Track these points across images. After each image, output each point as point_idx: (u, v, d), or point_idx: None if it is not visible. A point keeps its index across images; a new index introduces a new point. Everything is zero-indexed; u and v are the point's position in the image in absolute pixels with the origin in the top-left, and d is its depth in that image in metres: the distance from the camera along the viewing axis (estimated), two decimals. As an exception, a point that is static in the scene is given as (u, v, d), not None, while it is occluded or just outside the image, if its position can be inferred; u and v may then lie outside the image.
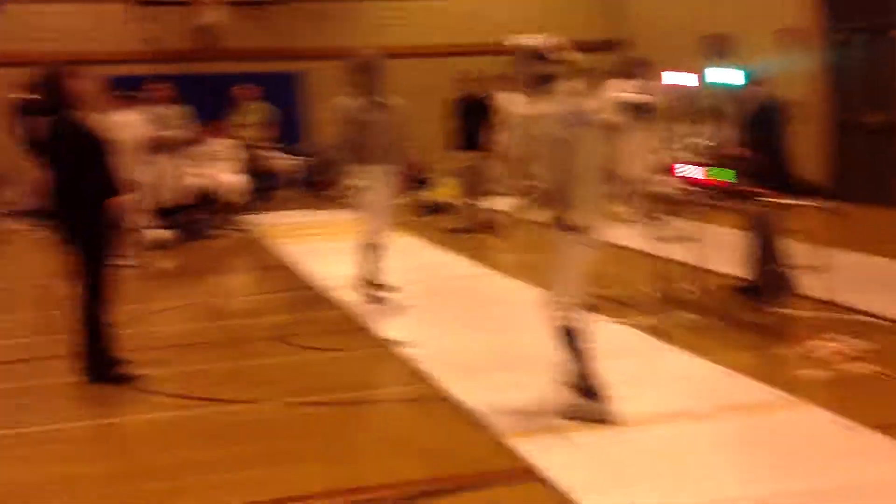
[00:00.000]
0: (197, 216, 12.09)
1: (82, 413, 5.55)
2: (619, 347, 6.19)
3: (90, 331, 5.84)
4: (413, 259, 9.65)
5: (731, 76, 7.27)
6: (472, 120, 11.48)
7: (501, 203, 13.26)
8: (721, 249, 7.57)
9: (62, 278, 6.06)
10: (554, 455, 4.40)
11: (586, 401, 4.78)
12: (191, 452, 4.78)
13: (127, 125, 9.53)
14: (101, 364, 5.86)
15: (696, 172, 7.05)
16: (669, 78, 8.67)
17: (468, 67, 12.23)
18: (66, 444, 4.99)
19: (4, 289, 9.44)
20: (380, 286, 7.83)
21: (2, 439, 5.06)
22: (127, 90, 11.66)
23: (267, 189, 14.46)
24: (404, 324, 7.07)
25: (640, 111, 10.40)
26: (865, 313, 6.76)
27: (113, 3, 15.72)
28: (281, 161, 15.20)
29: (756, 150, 7.18)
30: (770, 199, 6.54)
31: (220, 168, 12.48)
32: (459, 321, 7.17)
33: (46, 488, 4.41)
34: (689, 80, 8.21)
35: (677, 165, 7.29)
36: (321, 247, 10.75)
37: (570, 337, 4.81)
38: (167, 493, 4.30)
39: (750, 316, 7.03)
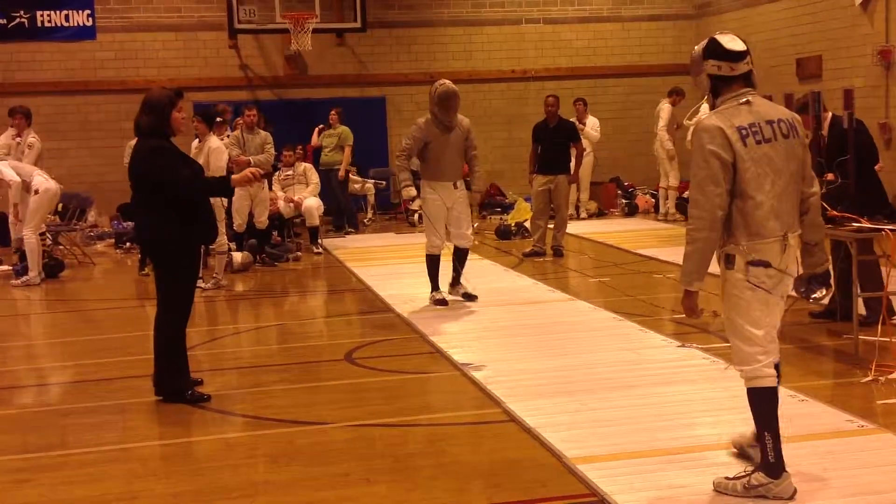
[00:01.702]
0: (278, 239, 12.32)
1: (154, 432, 5.68)
2: (693, 373, 6.10)
3: (165, 350, 5.98)
4: (488, 282, 9.63)
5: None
6: (553, 144, 11.45)
7: (573, 226, 13.29)
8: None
9: (144, 299, 6.21)
10: (620, 481, 4.34)
11: (765, 476, 4.06)
12: (260, 473, 4.83)
13: (215, 150, 9.74)
14: (175, 384, 5.99)
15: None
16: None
17: (551, 91, 12.21)
18: (135, 463, 5.07)
19: (88, 310, 9.73)
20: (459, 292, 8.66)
21: (71, 457, 5.18)
22: (212, 116, 12.01)
23: (347, 212, 14.65)
24: (477, 347, 7.06)
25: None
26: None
27: (207, 32, 16.19)
28: (362, 184, 15.40)
29: (842, 174, 7.02)
30: (856, 224, 6.35)
31: (302, 191, 12.68)
32: (531, 345, 7.13)
33: (114, 505, 4.51)
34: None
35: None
36: (398, 269, 10.83)
37: (758, 399, 4.13)
38: (235, 511, 4.36)
39: (825, 341, 6.84)
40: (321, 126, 14.60)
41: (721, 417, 4.99)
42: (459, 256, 8.82)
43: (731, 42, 4.11)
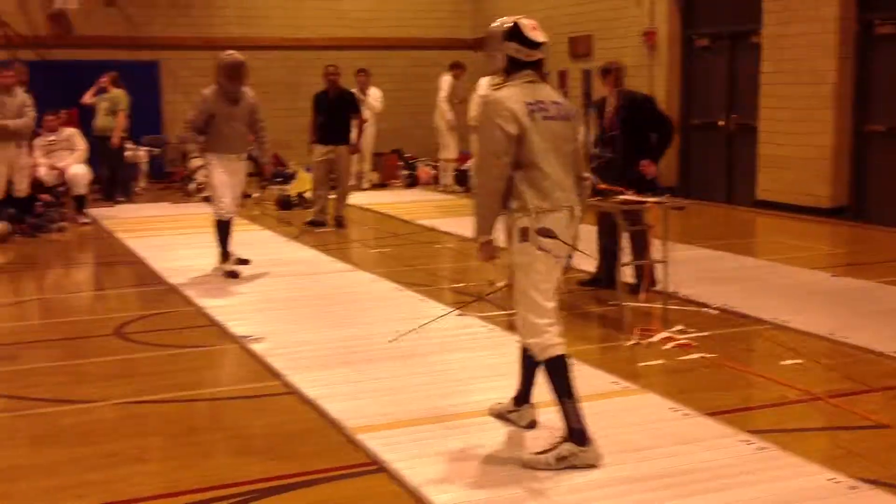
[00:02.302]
0: (41, 208, 11.55)
1: None
2: (470, 340, 6.24)
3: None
4: (267, 253, 9.47)
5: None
6: (334, 114, 11.37)
7: (355, 197, 13.32)
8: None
9: None
10: (401, 449, 4.37)
11: (574, 446, 4.15)
12: (22, 456, 4.54)
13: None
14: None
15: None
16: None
17: (332, 61, 12.10)
18: None
19: None
20: (234, 259, 8.49)
21: None
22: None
23: (118, 180, 13.96)
24: (255, 320, 6.91)
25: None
26: (700, 304, 7.08)
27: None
28: (134, 152, 14.72)
29: (612, 148, 7.37)
30: (621, 196, 6.68)
31: (67, 158, 11.96)
32: (312, 316, 7.06)
33: None
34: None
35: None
36: (172, 241, 10.45)
37: (553, 369, 4.22)
38: (-9, 499, 4.07)
39: (593, 308, 7.20)
40: (98, 87, 13.79)
41: (499, 383, 5.11)
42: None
43: (534, 32, 4.27)
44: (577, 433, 4.17)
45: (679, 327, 6.40)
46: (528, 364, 4.58)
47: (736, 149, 13.02)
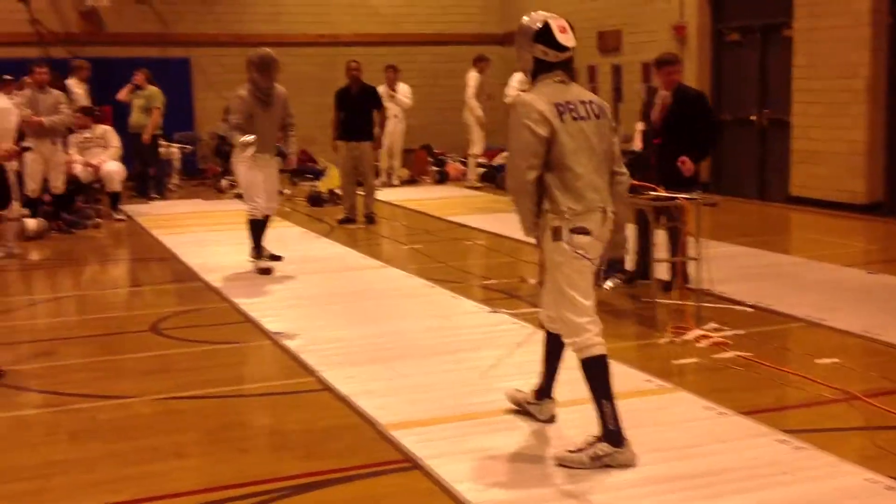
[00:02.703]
0: (76, 205, 11.68)
1: (-59, 411, 5.28)
2: (502, 337, 6.24)
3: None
4: (299, 250, 9.52)
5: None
6: (356, 110, 11.38)
7: (385, 194, 13.37)
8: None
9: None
10: (435, 446, 4.39)
11: (609, 446, 4.13)
12: (60, 452, 4.58)
13: (4, 111, 9.09)
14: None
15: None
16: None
17: (360, 57, 12.14)
18: (-78, 445, 4.71)
19: None
20: (267, 255, 8.55)
21: None
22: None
23: (151, 177, 14.09)
24: (289, 316, 6.96)
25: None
26: (734, 301, 7.04)
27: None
28: (167, 149, 14.84)
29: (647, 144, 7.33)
30: (654, 193, 6.65)
31: (102, 155, 12.08)
32: (344, 313, 7.09)
33: None
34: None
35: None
36: (205, 237, 10.53)
37: (592, 368, 4.21)
38: (32, 494, 4.11)
39: (626, 305, 7.17)
40: (133, 84, 13.90)
41: (531, 380, 5.11)
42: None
43: (563, 34, 4.23)
44: (613, 434, 4.16)
45: (713, 325, 6.37)
46: (552, 358, 4.61)
47: (768, 144, 12.91)
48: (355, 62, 11.72)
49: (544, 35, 4.24)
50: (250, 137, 8.11)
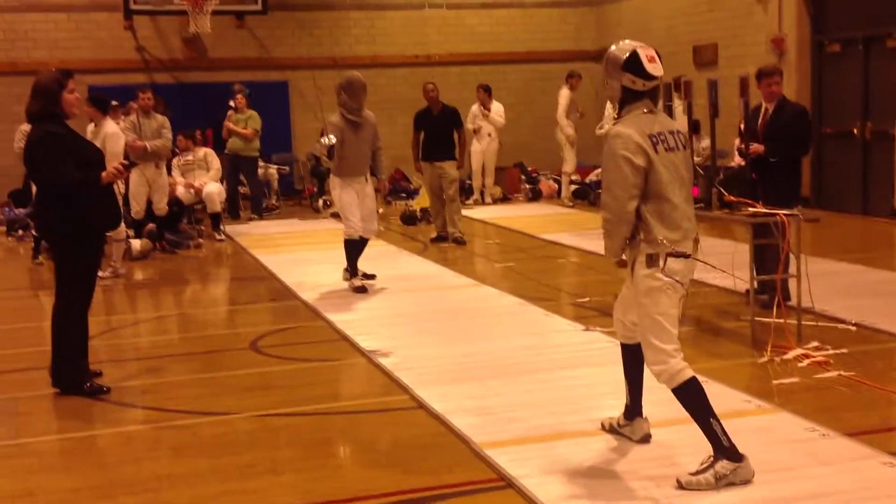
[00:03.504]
0: (179, 226, 12.05)
1: (51, 426, 5.49)
2: (596, 356, 6.19)
3: (62, 342, 5.78)
4: (393, 268, 9.62)
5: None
6: (437, 130, 11.43)
7: (477, 211, 13.39)
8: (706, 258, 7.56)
9: (38, 289, 5.99)
10: (529, 465, 4.38)
11: (729, 462, 4.10)
12: (164, 466, 4.72)
13: (112, 136, 9.47)
14: (73, 376, 5.80)
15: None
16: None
17: (454, 76, 12.21)
18: (31, 458, 4.90)
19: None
20: (361, 275, 8.69)
21: (-35, 454, 4.98)
22: (103, 100, 11.66)
23: (251, 198, 14.42)
24: (384, 334, 7.03)
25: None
26: (836, 319, 6.84)
27: (100, 13, 15.73)
28: (265, 170, 15.18)
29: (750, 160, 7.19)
30: (757, 210, 6.52)
31: (203, 177, 12.43)
32: (438, 331, 7.14)
33: (14, 502, 4.34)
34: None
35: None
36: (302, 256, 10.72)
37: (688, 393, 4.20)
38: (140, 507, 4.25)
39: (724, 323, 7.03)
40: (229, 110, 14.25)
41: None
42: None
43: (651, 64, 4.23)
44: (729, 451, 4.11)
45: (814, 344, 6.20)
46: (633, 373, 4.59)
47: (872, 157, 12.53)
48: (432, 84, 11.79)
49: (632, 64, 4.23)
50: (333, 138, 8.28)
